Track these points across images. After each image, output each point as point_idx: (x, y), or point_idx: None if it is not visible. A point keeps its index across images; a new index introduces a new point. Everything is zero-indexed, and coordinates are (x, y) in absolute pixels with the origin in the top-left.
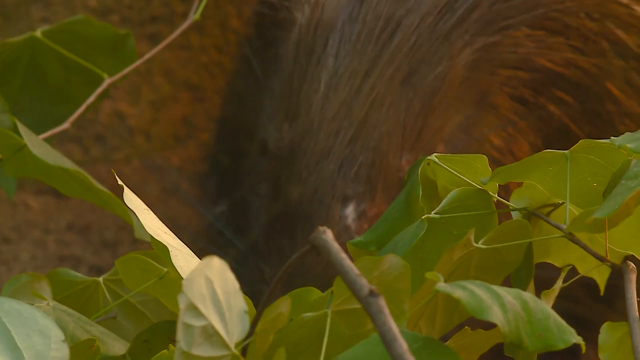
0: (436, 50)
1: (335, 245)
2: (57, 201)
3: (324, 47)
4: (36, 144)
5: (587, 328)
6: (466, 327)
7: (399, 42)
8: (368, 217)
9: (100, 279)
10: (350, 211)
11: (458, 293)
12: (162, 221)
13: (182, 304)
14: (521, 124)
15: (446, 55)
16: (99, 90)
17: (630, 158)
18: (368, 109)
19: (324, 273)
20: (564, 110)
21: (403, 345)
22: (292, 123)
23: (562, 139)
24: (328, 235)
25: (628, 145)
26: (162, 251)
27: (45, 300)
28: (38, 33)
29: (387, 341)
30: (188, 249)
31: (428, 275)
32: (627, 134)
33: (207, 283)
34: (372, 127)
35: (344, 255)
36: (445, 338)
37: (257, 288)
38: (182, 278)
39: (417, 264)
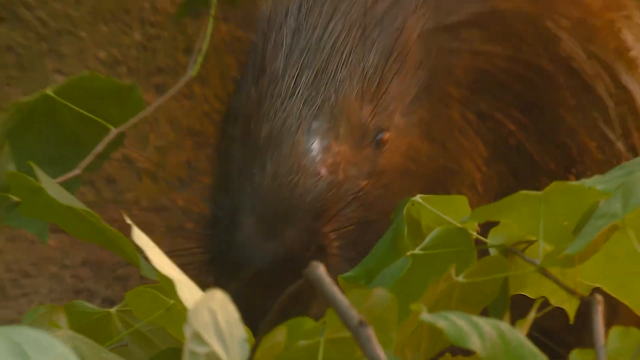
0: (390, 9)
1: (327, 279)
2: (72, 239)
3: (285, 13)
4: (51, 186)
5: (558, 356)
6: (447, 353)
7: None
8: (332, 152)
9: (113, 310)
10: (316, 144)
11: (441, 323)
12: (168, 257)
13: (187, 332)
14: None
15: (400, 15)
16: (107, 140)
17: (599, 199)
18: (329, 54)
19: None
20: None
21: None
22: (259, 80)
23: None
24: (321, 269)
25: (597, 187)
26: (168, 285)
27: (62, 329)
28: (50, 91)
29: None
30: (192, 282)
31: (413, 306)
32: (597, 176)
33: (211, 314)
34: (333, 69)
35: (335, 289)
36: None
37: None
38: (187, 309)
39: (404, 297)
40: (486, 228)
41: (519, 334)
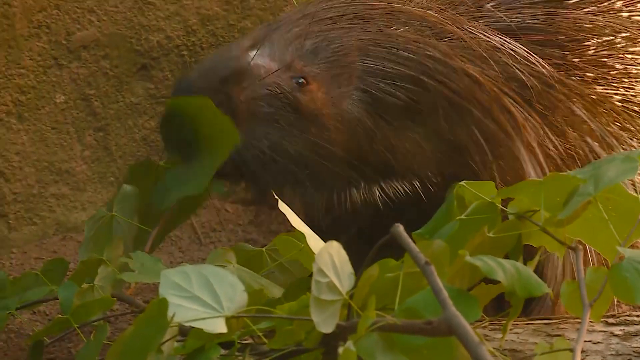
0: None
1: (405, 234)
2: (243, 208)
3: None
4: None
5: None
6: (482, 282)
7: None
8: (264, 61)
9: (264, 249)
10: (256, 52)
11: (478, 262)
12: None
13: (315, 268)
14: None
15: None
16: None
17: (579, 183)
18: (285, 29)
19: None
20: None
21: (445, 293)
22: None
23: None
24: (401, 228)
25: (578, 176)
26: (301, 236)
27: (232, 264)
28: None
29: (435, 291)
30: (316, 235)
31: (460, 252)
32: (578, 169)
33: (329, 256)
34: (284, 35)
35: (410, 240)
36: (469, 289)
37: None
38: (313, 253)
39: (454, 246)
40: (506, 202)
41: (528, 269)
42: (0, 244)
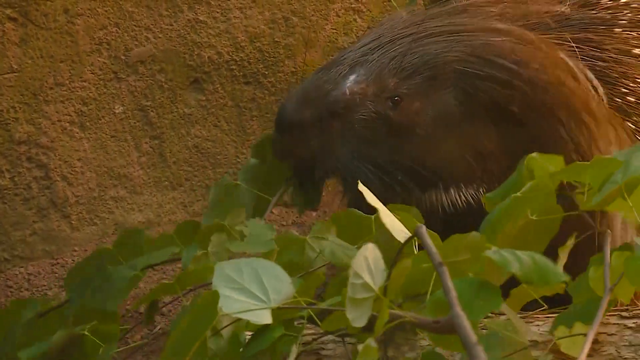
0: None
1: (425, 234)
2: (287, 209)
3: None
4: None
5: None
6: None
7: None
8: (359, 86)
9: (307, 238)
10: (351, 77)
11: (494, 256)
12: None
13: (350, 273)
14: None
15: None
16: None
17: (614, 170)
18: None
19: None
20: None
21: (454, 293)
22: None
23: None
24: (423, 229)
25: (619, 159)
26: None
27: (330, 236)
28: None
29: (445, 291)
30: (390, 212)
31: (487, 245)
32: (619, 152)
33: (365, 260)
34: (378, 56)
35: (430, 242)
36: None
37: None
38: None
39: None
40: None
41: (546, 259)
42: (63, 243)
